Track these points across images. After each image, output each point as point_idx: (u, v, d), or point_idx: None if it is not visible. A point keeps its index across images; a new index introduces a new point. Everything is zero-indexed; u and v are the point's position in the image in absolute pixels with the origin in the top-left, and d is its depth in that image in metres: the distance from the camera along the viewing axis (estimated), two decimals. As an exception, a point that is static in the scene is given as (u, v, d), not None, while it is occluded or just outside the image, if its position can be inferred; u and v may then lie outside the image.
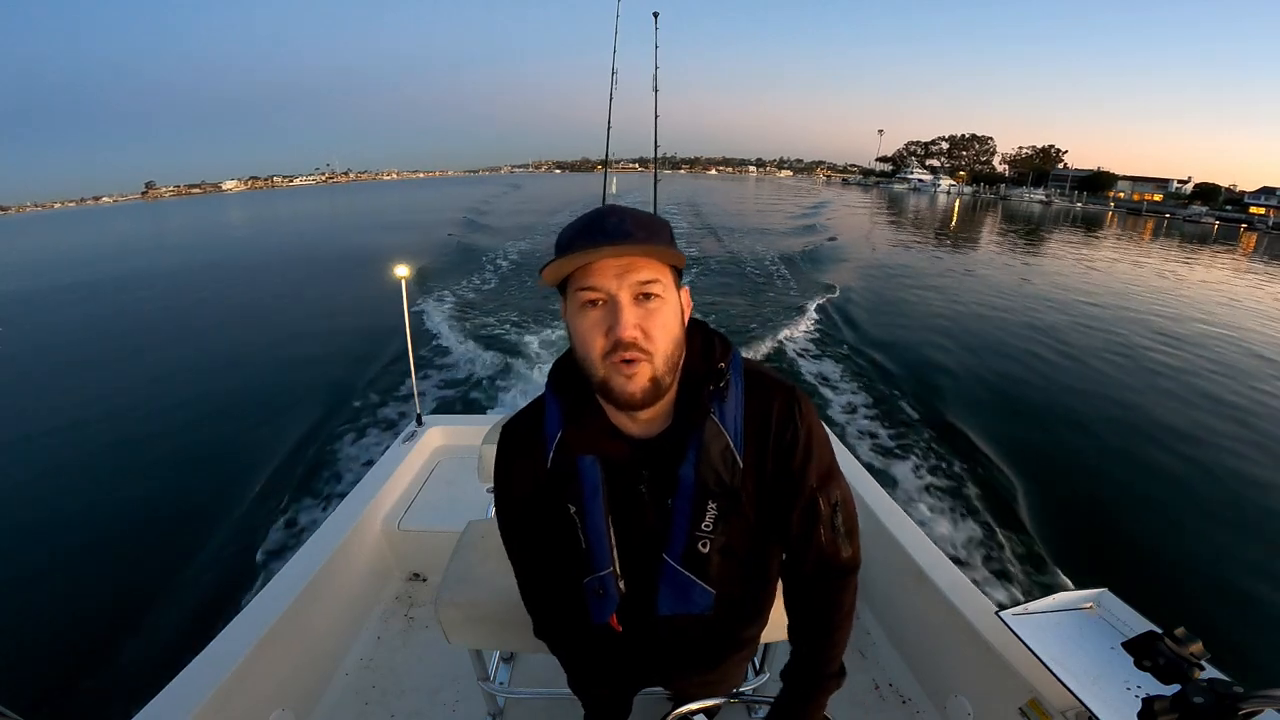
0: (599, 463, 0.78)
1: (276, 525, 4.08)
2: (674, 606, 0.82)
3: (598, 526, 0.79)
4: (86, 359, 8.78)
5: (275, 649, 1.57)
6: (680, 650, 0.94)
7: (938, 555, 1.84)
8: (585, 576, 0.83)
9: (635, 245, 0.65)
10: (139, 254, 25.30)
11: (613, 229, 0.66)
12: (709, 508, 0.77)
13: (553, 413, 0.80)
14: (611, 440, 0.78)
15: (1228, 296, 14.28)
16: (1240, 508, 4.58)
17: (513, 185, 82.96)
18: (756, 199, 45.37)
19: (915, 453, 5.10)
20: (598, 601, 0.84)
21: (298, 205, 68.97)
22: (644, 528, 0.80)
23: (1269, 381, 7.54)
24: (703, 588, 0.81)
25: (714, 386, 0.76)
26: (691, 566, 0.80)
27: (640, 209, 0.72)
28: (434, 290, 11.30)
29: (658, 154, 3.25)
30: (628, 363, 0.67)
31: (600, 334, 0.67)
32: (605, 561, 0.81)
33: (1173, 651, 0.70)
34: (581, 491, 0.78)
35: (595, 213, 0.70)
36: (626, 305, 0.66)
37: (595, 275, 0.66)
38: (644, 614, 0.84)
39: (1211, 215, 56.73)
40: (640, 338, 0.67)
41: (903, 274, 15.08)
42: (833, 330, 9.03)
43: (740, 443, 0.76)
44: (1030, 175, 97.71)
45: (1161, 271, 18.32)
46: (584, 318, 0.68)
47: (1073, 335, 9.39)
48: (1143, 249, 26.14)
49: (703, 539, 0.78)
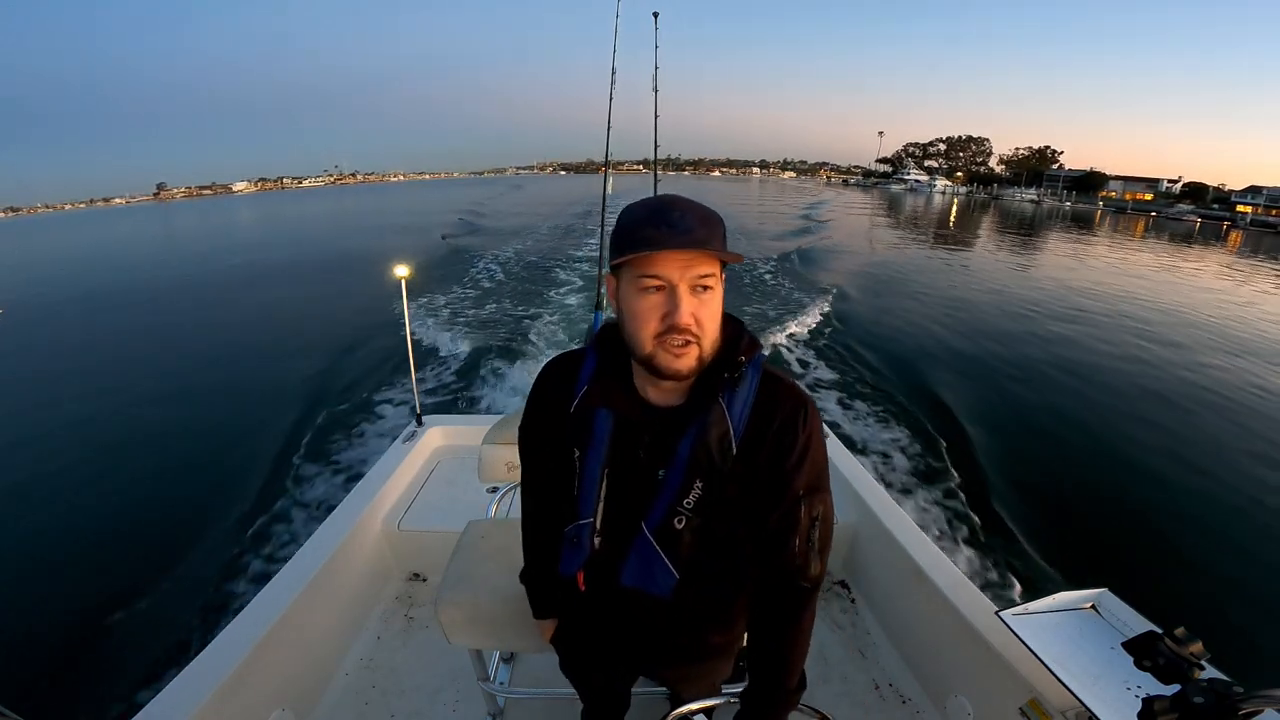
0: (612, 418, 0.83)
1: (276, 525, 4.07)
2: (636, 579, 0.86)
3: (592, 475, 0.85)
4: (86, 358, 8.77)
5: (275, 649, 1.57)
6: (641, 633, 0.96)
7: (937, 555, 1.84)
8: (567, 525, 0.89)
9: (700, 245, 0.69)
10: (139, 253, 25.31)
11: (678, 222, 0.69)
12: (695, 486, 0.81)
13: (589, 364, 0.87)
14: (629, 401, 0.83)
15: (1221, 296, 14.32)
16: (1241, 507, 4.57)
17: (514, 186, 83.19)
18: (761, 201, 45.34)
19: (913, 453, 5.09)
20: (570, 550, 0.89)
21: (305, 206, 69.36)
22: (631, 492, 0.84)
23: (1267, 379, 7.55)
24: (666, 566, 0.84)
25: (728, 375, 0.79)
26: (662, 540, 0.83)
27: (699, 202, 0.75)
28: (435, 290, 11.30)
29: (658, 155, 3.26)
30: (681, 345, 0.72)
31: (657, 317, 0.72)
32: (589, 511, 0.86)
33: (1173, 651, 0.70)
34: (590, 439, 0.84)
35: (658, 202, 0.73)
36: (685, 295, 0.71)
37: (660, 265, 0.70)
38: (608, 580, 0.88)
39: (1194, 213, 59.56)
40: (693, 324, 0.72)
41: (895, 271, 15.27)
42: (825, 325, 9.09)
43: (740, 432, 0.80)
44: (1025, 175, 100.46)
45: (1149, 267, 18.73)
46: (643, 300, 0.73)
47: (1069, 335, 9.38)
48: (1121, 246, 26.84)
49: (680, 515, 0.82)
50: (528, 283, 12.10)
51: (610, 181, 3.22)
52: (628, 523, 0.85)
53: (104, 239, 38.25)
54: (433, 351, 7.64)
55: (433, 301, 10.38)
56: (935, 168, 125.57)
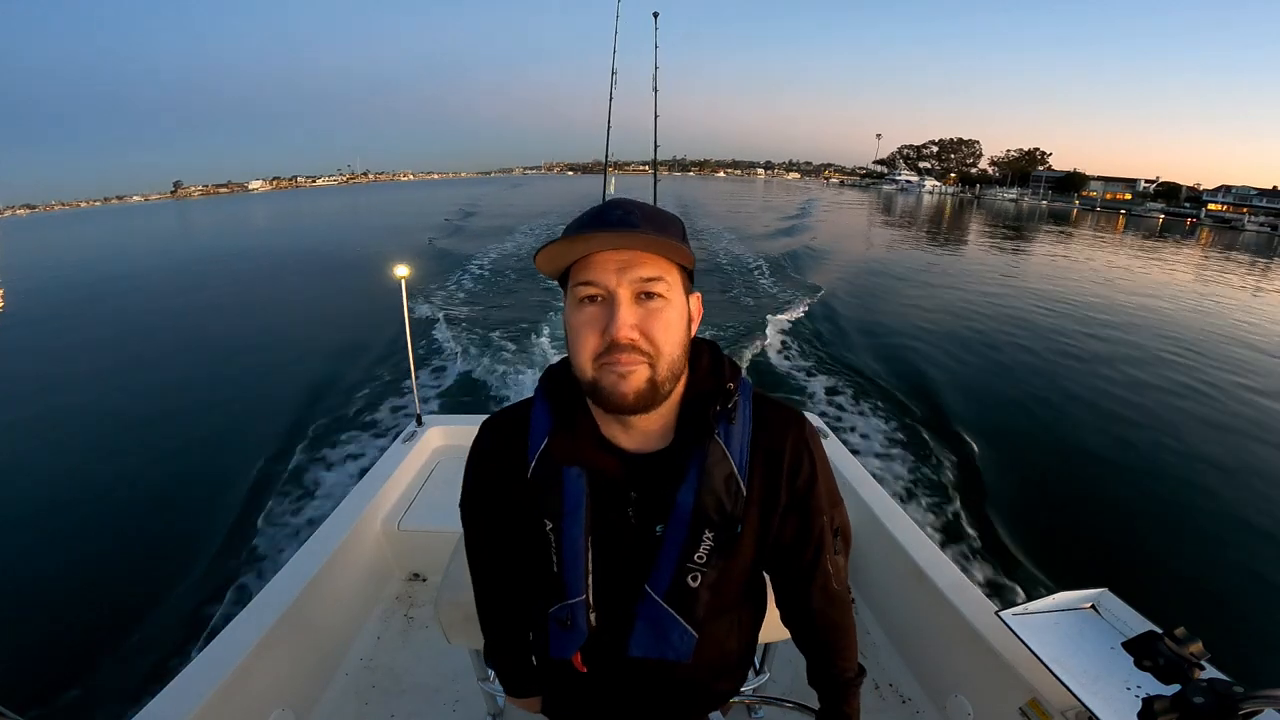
0: (585, 477, 0.71)
1: (276, 525, 4.07)
2: (649, 648, 0.74)
3: (575, 548, 0.71)
4: (85, 356, 8.75)
5: (275, 648, 1.57)
6: (649, 701, 0.85)
7: (938, 555, 1.84)
8: (552, 604, 0.76)
9: (638, 237, 0.59)
10: (140, 253, 25.31)
11: (616, 219, 0.61)
12: (705, 537, 0.70)
13: (540, 415, 0.74)
14: (601, 453, 0.70)
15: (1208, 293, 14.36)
16: (1241, 507, 4.57)
17: (512, 186, 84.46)
18: (765, 203, 46.05)
19: (909, 452, 5.09)
20: (562, 634, 0.76)
21: (319, 204, 70.08)
22: (625, 555, 0.72)
23: (1267, 377, 7.55)
24: (685, 629, 0.73)
25: (721, 407, 0.69)
26: (676, 602, 0.72)
27: (657, 206, 0.68)
28: (435, 289, 11.31)
29: (657, 155, 3.26)
30: (626, 364, 0.61)
31: (594, 332, 0.62)
32: (578, 589, 0.73)
33: (1173, 651, 0.70)
34: (561, 507, 0.71)
35: (604, 204, 0.66)
36: (625, 303, 0.61)
37: (594, 269, 0.61)
38: (612, 654, 0.76)
39: (1162, 211, 65.77)
40: (638, 339, 0.61)
41: (879, 265, 15.88)
42: (813, 323, 9.18)
43: (745, 471, 0.70)
44: (1012, 176, 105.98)
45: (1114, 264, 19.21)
46: (579, 314, 0.63)
47: (1067, 334, 9.38)
48: (1082, 241, 28.75)
49: (694, 572, 0.71)
50: (529, 280, 12.11)
51: (612, 182, 3.23)
52: (626, 590, 0.73)
53: (115, 236, 38.25)
54: (433, 351, 7.65)
55: (433, 301, 10.38)
56: (928, 169, 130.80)
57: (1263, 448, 5.60)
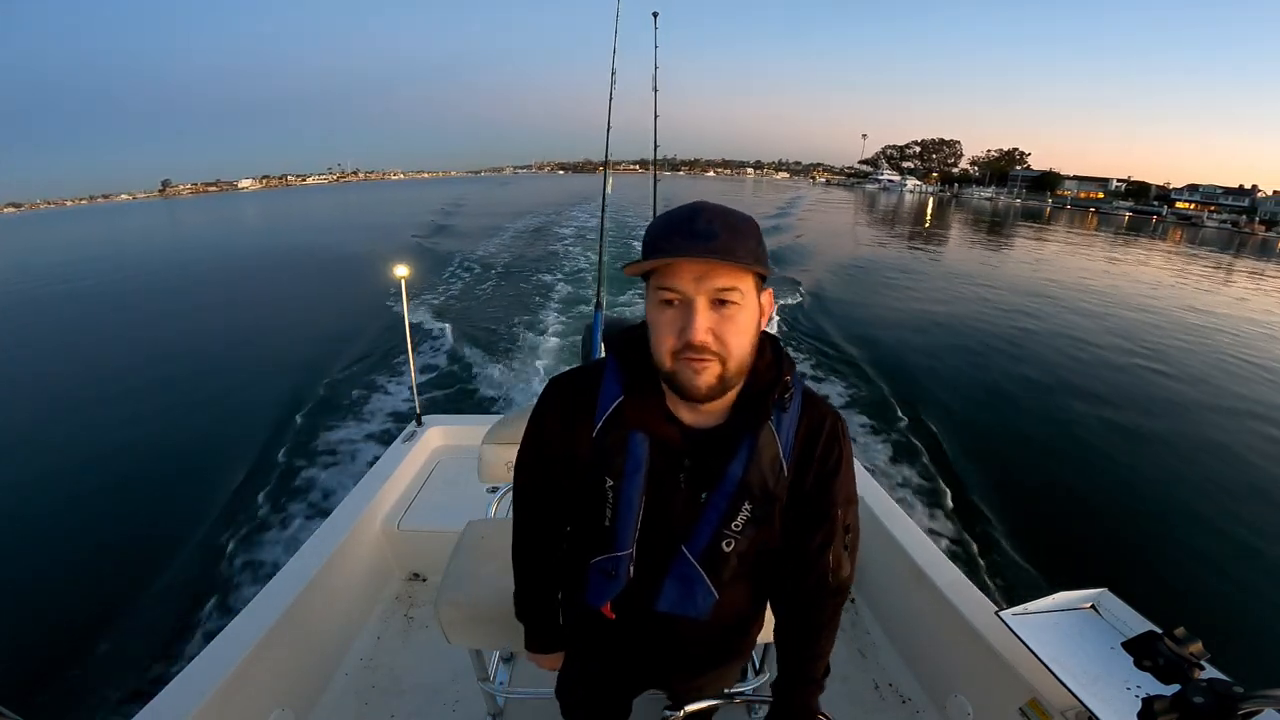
0: (648, 442, 0.77)
1: (276, 525, 4.07)
2: (674, 604, 0.82)
3: (630, 506, 0.79)
4: (84, 356, 8.76)
5: (275, 649, 1.57)
6: (671, 653, 0.93)
7: (937, 555, 1.84)
8: (597, 555, 0.83)
9: (716, 254, 0.64)
10: (138, 253, 25.28)
11: (701, 231, 0.65)
12: (744, 509, 0.78)
13: (612, 379, 0.80)
14: (665, 423, 0.77)
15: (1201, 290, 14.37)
16: (1241, 507, 4.57)
17: (499, 184, 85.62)
18: (754, 194, 47.00)
19: (906, 452, 5.09)
20: (603, 582, 0.83)
21: (310, 203, 70.14)
22: (669, 516, 0.80)
23: (1266, 380, 7.55)
24: (707, 588, 0.81)
25: (779, 396, 0.77)
26: (707, 563, 0.80)
27: (733, 208, 0.71)
28: (435, 289, 11.30)
29: (657, 155, 3.25)
30: (700, 363, 0.68)
31: (673, 333, 0.69)
32: (626, 543, 0.80)
33: (1173, 651, 0.70)
34: (624, 467, 0.78)
35: (688, 209, 0.69)
36: (701, 310, 0.67)
37: (674, 277, 0.67)
38: (641, 606, 0.84)
39: (1129, 209, 71.45)
40: (711, 341, 0.68)
41: (863, 260, 16.35)
42: (805, 317, 9.27)
43: (789, 454, 0.78)
44: (991, 176, 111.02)
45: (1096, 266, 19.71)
46: (660, 314, 0.70)
47: (1064, 333, 9.39)
48: (1048, 237, 30.60)
49: (729, 538, 0.79)
50: (527, 281, 12.10)
51: (610, 181, 3.22)
52: (663, 548, 0.81)
53: (103, 235, 38.22)
54: (433, 351, 7.65)
55: (433, 301, 10.37)
56: (911, 169, 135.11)
57: (1263, 446, 5.60)
